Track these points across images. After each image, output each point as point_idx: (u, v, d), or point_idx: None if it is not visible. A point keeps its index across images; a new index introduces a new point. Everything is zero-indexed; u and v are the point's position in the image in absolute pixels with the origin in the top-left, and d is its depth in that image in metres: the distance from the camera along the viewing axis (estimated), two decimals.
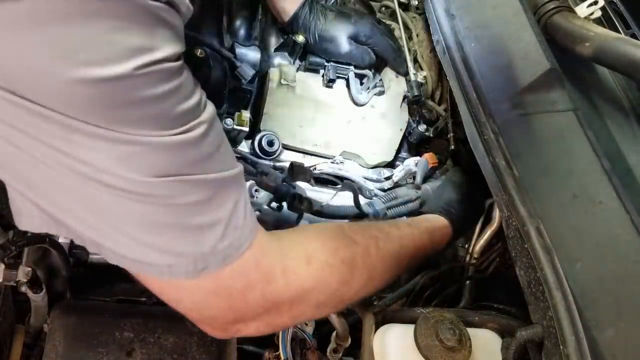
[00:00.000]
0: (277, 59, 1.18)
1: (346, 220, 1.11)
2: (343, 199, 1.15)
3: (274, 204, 1.05)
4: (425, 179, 1.21)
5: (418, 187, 1.18)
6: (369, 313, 0.98)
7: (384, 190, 1.21)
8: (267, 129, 1.14)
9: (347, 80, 1.18)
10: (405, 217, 1.14)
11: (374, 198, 1.16)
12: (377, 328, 0.94)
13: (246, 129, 1.08)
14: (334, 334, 1.01)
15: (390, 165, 1.28)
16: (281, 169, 1.12)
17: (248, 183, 1.06)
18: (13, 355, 0.94)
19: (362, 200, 1.13)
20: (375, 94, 1.20)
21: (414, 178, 1.21)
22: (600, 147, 0.88)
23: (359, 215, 1.11)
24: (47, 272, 1.02)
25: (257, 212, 1.05)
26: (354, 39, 1.17)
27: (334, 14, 1.17)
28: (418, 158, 1.22)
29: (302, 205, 1.02)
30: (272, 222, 1.06)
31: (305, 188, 1.17)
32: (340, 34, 1.16)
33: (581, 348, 0.71)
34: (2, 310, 0.89)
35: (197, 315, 0.70)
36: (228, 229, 0.64)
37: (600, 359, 0.71)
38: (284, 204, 1.04)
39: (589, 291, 0.76)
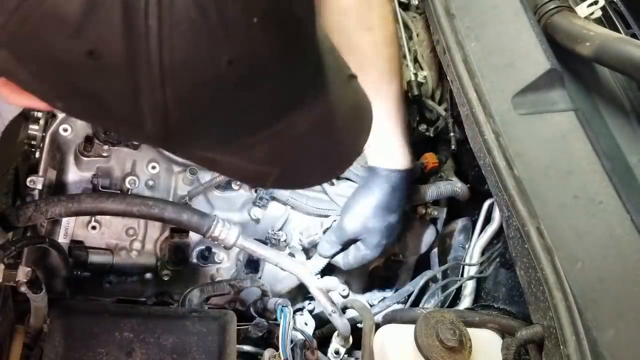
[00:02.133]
0: None
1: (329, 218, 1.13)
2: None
3: None
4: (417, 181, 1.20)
5: None
6: (370, 313, 0.98)
7: None
8: None
9: None
10: None
11: None
12: (377, 328, 0.94)
13: None
14: (335, 334, 1.01)
15: None
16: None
17: None
18: (13, 356, 0.94)
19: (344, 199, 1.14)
20: None
21: None
22: (600, 147, 0.88)
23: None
24: (46, 272, 1.02)
25: None
26: None
27: None
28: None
29: None
30: None
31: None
32: None
33: (581, 348, 0.71)
34: (2, 311, 0.89)
35: None
36: None
37: (601, 359, 0.72)
38: None
39: (589, 291, 0.76)
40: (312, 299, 1.15)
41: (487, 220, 1.16)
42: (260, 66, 0.43)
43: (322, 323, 1.09)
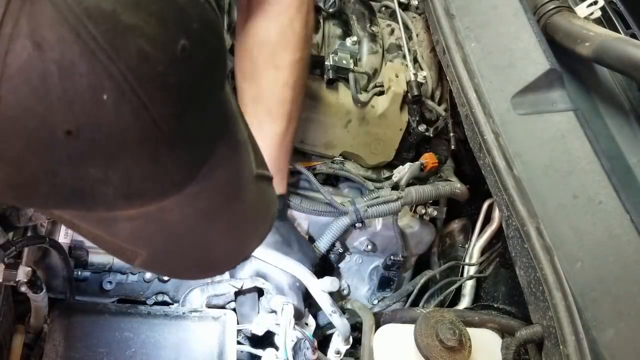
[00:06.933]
0: None
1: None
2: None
3: None
4: (416, 182, 1.20)
5: (402, 188, 1.17)
6: (369, 313, 0.98)
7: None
8: None
9: (347, 80, 1.18)
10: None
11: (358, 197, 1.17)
12: (377, 328, 0.94)
13: None
14: (335, 334, 1.01)
15: (390, 165, 1.28)
16: None
17: None
18: (13, 355, 0.94)
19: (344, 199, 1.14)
20: (375, 94, 1.20)
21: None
22: (600, 147, 0.88)
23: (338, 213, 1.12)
24: (47, 272, 1.02)
25: None
26: None
27: None
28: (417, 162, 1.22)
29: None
30: None
31: (305, 188, 1.18)
32: None
33: (581, 348, 0.71)
34: (2, 310, 0.89)
35: None
36: None
37: (601, 358, 0.72)
38: None
39: (589, 291, 0.77)
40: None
41: (487, 220, 1.16)
42: (111, 142, 0.38)
43: (323, 323, 1.09)
